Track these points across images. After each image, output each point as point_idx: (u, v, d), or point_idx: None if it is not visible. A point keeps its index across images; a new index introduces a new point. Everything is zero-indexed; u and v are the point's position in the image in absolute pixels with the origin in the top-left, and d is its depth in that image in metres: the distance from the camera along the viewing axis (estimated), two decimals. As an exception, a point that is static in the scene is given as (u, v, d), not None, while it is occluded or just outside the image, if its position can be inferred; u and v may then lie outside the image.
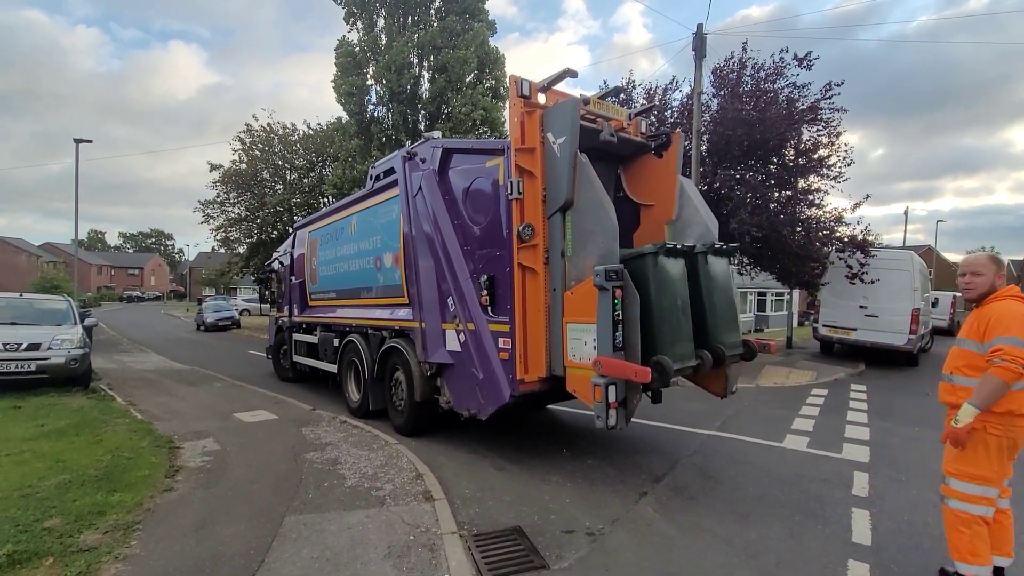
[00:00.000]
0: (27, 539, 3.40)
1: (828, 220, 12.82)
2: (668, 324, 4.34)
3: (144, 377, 11.05)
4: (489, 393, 4.98)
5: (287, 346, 10.32)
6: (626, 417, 4.15)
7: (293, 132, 24.51)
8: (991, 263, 3.01)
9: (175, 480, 4.67)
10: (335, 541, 3.54)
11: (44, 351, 8.09)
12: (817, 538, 3.74)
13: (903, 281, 12.28)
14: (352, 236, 7.70)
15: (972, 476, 2.88)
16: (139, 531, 3.66)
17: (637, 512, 4.15)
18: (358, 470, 4.92)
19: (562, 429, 6.71)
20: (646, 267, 4.34)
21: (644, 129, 5.74)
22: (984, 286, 2.98)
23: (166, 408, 7.78)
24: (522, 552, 3.46)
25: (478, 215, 5.26)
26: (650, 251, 4.37)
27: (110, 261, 76.03)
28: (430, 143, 5.96)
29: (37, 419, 6.50)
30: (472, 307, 5.16)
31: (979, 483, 2.87)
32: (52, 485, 4.31)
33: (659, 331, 4.27)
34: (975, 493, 2.88)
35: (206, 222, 24.42)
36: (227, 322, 25.53)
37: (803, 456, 5.67)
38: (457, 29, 17.54)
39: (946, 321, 21.82)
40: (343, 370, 7.70)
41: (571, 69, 4.85)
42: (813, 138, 12.46)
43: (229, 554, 3.38)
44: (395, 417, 6.46)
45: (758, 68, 12.43)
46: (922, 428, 6.87)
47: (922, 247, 45.00)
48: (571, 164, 4.46)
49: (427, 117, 18.49)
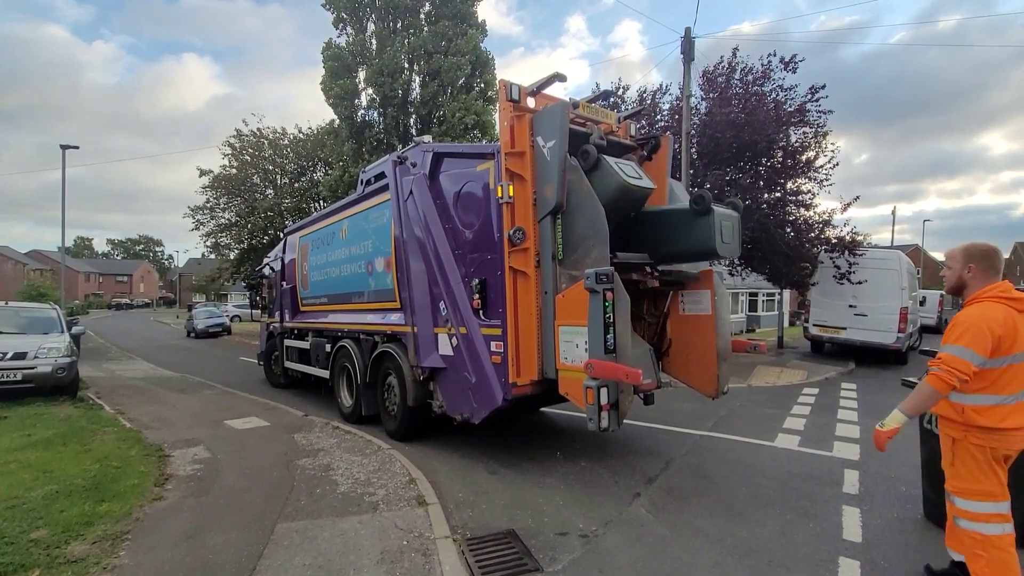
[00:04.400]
0: (13, 551, 3.35)
1: (817, 221, 12.97)
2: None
3: (133, 385, 10.92)
4: (482, 397, 4.97)
5: (278, 352, 10.26)
6: (618, 419, 4.15)
7: (283, 136, 24.44)
8: (960, 255, 2.77)
9: (165, 489, 4.62)
10: (328, 547, 3.52)
11: (30, 360, 7.98)
12: (808, 536, 3.76)
13: (891, 280, 12.43)
14: (343, 241, 7.67)
15: (974, 492, 2.65)
16: (128, 541, 3.62)
17: (630, 513, 4.16)
18: (351, 476, 4.90)
19: (555, 432, 6.71)
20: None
21: (633, 132, 5.79)
22: (952, 279, 2.82)
23: (156, 416, 7.69)
24: (516, 555, 3.46)
25: (469, 219, 5.26)
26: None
27: (98, 268, 75.14)
28: (420, 147, 5.97)
29: (24, 429, 6.40)
30: (464, 311, 5.16)
31: (983, 499, 2.62)
32: (39, 496, 4.25)
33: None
34: (982, 511, 2.63)
35: (196, 228, 24.27)
36: (218, 329, 25.32)
37: (794, 455, 5.72)
38: (449, 34, 17.57)
39: (934, 319, 22.08)
40: (335, 375, 7.66)
41: (560, 73, 4.88)
42: (800, 140, 12.61)
43: (220, 562, 3.35)
44: (388, 422, 6.43)
45: (746, 71, 12.59)
46: (911, 425, 6.93)
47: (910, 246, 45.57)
48: (561, 167, 4.48)
49: (419, 121, 18.48)
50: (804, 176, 12.75)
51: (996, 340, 2.51)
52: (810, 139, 12.55)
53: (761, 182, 12.44)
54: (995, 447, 2.61)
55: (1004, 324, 2.53)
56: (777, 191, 12.74)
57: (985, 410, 2.60)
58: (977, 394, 2.63)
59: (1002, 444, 2.61)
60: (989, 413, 2.59)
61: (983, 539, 2.61)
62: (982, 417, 2.59)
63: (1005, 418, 2.58)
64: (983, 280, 2.70)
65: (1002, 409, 2.59)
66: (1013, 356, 2.56)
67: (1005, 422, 2.57)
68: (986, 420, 2.58)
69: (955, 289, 2.81)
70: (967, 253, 2.74)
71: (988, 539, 2.60)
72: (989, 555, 2.58)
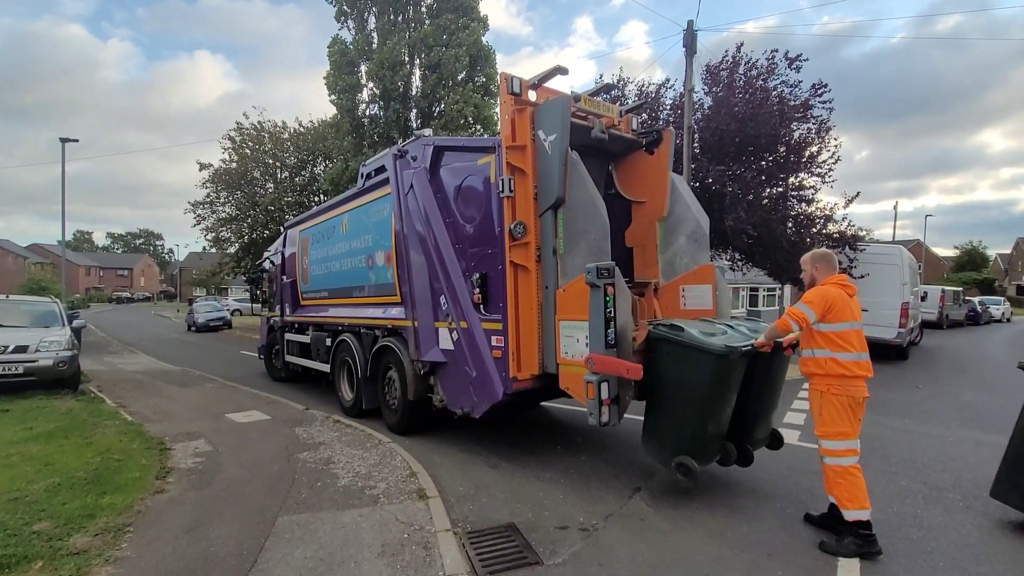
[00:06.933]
0: (15, 543, 3.36)
1: (819, 216, 12.93)
2: (713, 422, 4.01)
3: (134, 379, 10.95)
4: (482, 391, 4.98)
5: (279, 346, 10.27)
6: (619, 414, 4.16)
7: (284, 130, 24.34)
8: (808, 261, 3.80)
9: (166, 482, 4.64)
10: (328, 540, 3.53)
11: (32, 353, 8.00)
12: (808, 530, 3.77)
13: (892, 276, 12.40)
14: (343, 235, 7.66)
15: (835, 433, 3.47)
16: (130, 533, 3.63)
17: (631, 507, 4.17)
18: (352, 469, 4.91)
19: (556, 426, 6.73)
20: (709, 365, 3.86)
21: (635, 126, 5.75)
22: (807, 278, 3.81)
23: (157, 409, 7.71)
24: (516, 548, 3.47)
25: (470, 213, 5.25)
26: (719, 351, 3.79)
27: (99, 262, 75.15)
28: (421, 141, 5.94)
29: (25, 422, 6.42)
30: (464, 305, 5.15)
31: (841, 438, 3.46)
32: (41, 488, 4.27)
33: (697, 427, 3.97)
34: (840, 447, 3.46)
35: (198, 223, 24.23)
36: (218, 322, 25.35)
37: (795, 450, 5.71)
38: (451, 27, 17.47)
39: (935, 315, 22.05)
40: (336, 369, 7.66)
41: (562, 66, 4.86)
42: (804, 135, 12.56)
43: (221, 555, 3.36)
44: (389, 416, 6.44)
45: (751, 66, 12.51)
46: (911, 420, 6.95)
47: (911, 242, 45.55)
48: (562, 161, 4.46)
49: (419, 115, 18.41)
50: (806, 171, 12.70)
51: (827, 306, 3.49)
52: (813, 134, 12.49)
53: (763, 177, 12.40)
54: (851, 393, 3.45)
55: (836, 297, 3.51)
56: (779, 186, 12.70)
57: (845, 363, 3.47)
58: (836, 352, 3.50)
59: (854, 389, 3.46)
60: (846, 364, 3.47)
61: (842, 470, 3.46)
62: (843, 368, 3.46)
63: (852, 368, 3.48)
64: (826, 273, 3.69)
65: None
66: (850, 323, 3.50)
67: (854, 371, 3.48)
68: (845, 369, 3.45)
69: (811, 282, 3.75)
70: (812, 258, 3.79)
71: (846, 469, 3.45)
72: (847, 480, 3.44)
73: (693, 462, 3.94)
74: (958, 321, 25.43)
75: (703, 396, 3.92)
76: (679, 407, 4.06)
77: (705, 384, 3.88)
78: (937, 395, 9.03)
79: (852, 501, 3.40)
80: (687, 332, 3.99)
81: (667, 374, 4.11)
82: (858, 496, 3.41)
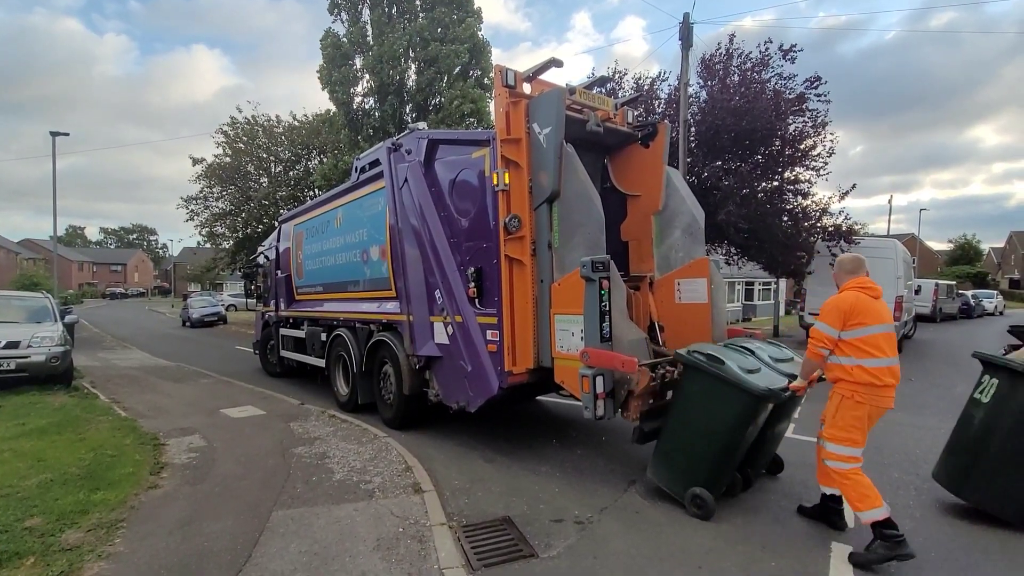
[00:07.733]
0: (7, 539, 3.34)
1: (814, 210, 12.96)
2: (735, 458, 3.92)
3: (128, 374, 10.89)
4: (478, 385, 4.97)
5: (274, 341, 10.23)
6: (614, 407, 4.16)
7: (278, 124, 24.16)
8: (835, 265, 3.79)
9: (160, 477, 4.62)
10: (323, 535, 3.53)
11: (24, 349, 7.93)
12: (801, 522, 3.80)
13: (887, 269, 12.44)
14: (338, 229, 7.62)
15: (844, 439, 3.39)
16: (123, 529, 3.62)
17: (626, 500, 4.18)
18: (347, 463, 4.90)
19: (552, 420, 6.73)
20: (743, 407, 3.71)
21: (631, 119, 5.73)
22: (837, 283, 3.71)
23: (151, 405, 7.67)
24: (511, 541, 3.47)
25: (464, 207, 5.22)
26: (761, 393, 3.61)
27: (92, 257, 74.60)
28: (415, 134, 5.90)
29: (18, 418, 6.38)
30: (460, 299, 5.14)
31: (849, 445, 3.38)
32: (33, 484, 4.24)
33: (718, 462, 3.85)
34: (845, 454, 3.39)
35: (191, 219, 24.08)
36: (213, 318, 25.21)
37: (789, 442, 5.72)
38: (446, 21, 17.34)
39: (929, 308, 22.18)
40: (331, 364, 7.64)
41: (556, 58, 4.82)
42: (799, 128, 12.56)
43: (216, 550, 3.35)
44: (384, 410, 6.43)
45: (745, 58, 12.48)
46: (905, 413, 6.99)
47: (905, 235, 45.75)
48: (557, 155, 4.44)
49: (415, 109, 18.30)
50: (802, 164, 12.72)
51: (844, 316, 3.38)
52: (809, 128, 12.50)
53: (759, 171, 12.40)
54: (876, 403, 3.37)
55: (853, 304, 3.40)
56: (775, 180, 12.71)
57: (873, 370, 3.33)
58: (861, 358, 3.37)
59: (881, 399, 3.38)
60: (876, 372, 3.34)
61: (844, 473, 3.40)
62: (873, 376, 3.32)
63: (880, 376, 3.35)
64: (847, 278, 3.62)
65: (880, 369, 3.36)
66: (875, 327, 3.36)
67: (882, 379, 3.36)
68: (874, 378, 3.33)
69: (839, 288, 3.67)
70: (839, 262, 3.77)
71: (847, 472, 3.39)
72: (852, 481, 3.36)
73: (710, 495, 3.79)
74: (951, 314, 25.59)
75: (732, 433, 3.71)
76: (702, 441, 3.81)
77: (737, 422, 3.68)
78: (930, 388, 9.09)
79: (862, 501, 3.28)
80: (727, 367, 3.70)
81: (695, 406, 3.86)
82: (867, 495, 3.28)
